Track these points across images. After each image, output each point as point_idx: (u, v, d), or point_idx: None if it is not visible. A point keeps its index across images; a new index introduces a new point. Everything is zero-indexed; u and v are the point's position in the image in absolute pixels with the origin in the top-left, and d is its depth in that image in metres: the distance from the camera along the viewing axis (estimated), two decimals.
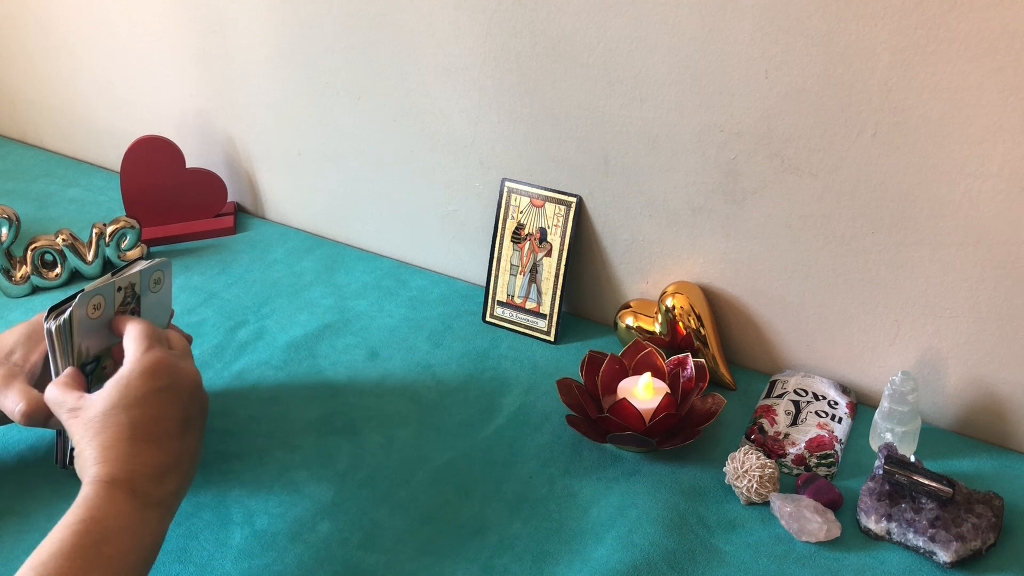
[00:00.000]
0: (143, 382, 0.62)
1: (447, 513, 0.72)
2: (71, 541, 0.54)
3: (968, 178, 0.69)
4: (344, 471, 0.76)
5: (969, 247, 0.72)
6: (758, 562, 0.67)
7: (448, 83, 0.91)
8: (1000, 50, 0.64)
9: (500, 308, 0.95)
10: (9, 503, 0.72)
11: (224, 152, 1.15)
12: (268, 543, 0.69)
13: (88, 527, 0.55)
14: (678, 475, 0.75)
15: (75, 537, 0.54)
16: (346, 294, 1.01)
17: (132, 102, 1.21)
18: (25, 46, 1.28)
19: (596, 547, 0.69)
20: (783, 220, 0.79)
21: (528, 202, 0.91)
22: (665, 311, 0.85)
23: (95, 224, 1.03)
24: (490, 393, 0.85)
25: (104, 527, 0.55)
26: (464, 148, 0.94)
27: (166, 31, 1.10)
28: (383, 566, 0.67)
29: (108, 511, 0.56)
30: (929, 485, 0.68)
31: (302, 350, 0.91)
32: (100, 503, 0.56)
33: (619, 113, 0.82)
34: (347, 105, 1.00)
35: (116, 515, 0.56)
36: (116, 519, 0.56)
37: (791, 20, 0.70)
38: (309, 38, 0.98)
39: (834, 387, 0.83)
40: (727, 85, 0.76)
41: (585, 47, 0.81)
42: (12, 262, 1.02)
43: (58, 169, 1.31)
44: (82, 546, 0.54)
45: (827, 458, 0.76)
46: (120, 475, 0.58)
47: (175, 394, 0.63)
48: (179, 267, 1.06)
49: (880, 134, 0.71)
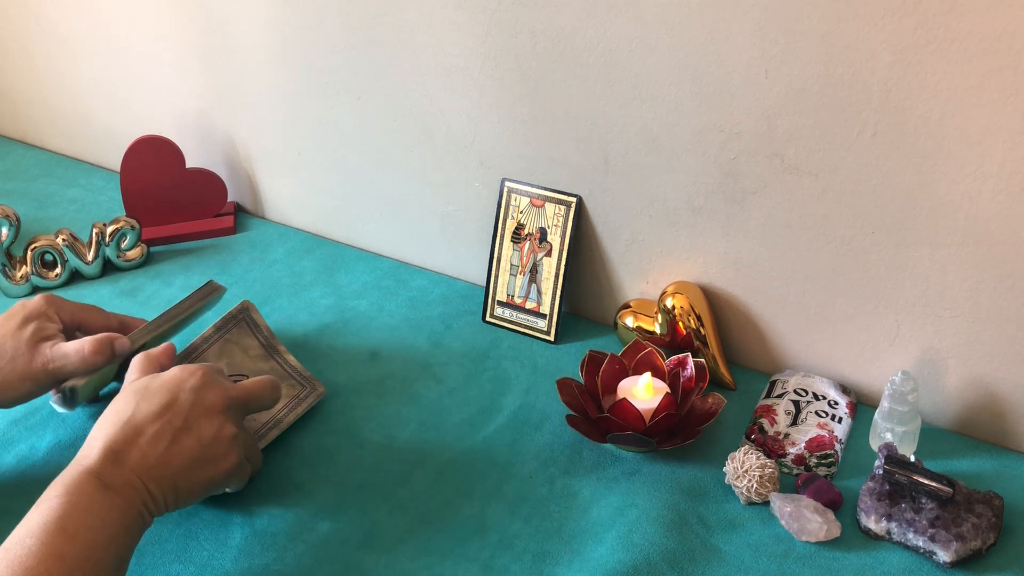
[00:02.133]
0: (173, 375, 0.67)
1: (447, 513, 0.72)
2: (37, 519, 0.56)
3: (968, 178, 0.69)
4: (344, 471, 0.76)
5: (969, 247, 0.72)
6: (758, 562, 0.67)
7: (448, 83, 0.91)
8: (1000, 50, 0.64)
9: (500, 308, 0.95)
10: (9, 503, 0.72)
11: (224, 152, 1.15)
12: (268, 543, 0.69)
13: (53, 504, 0.57)
14: (678, 475, 0.75)
15: (40, 515, 0.57)
16: (346, 294, 1.01)
17: (132, 102, 1.21)
18: (25, 46, 1.28)
19: (596, 547, 0.69)
20: (783, 220, 0.79)
21: (528, 202, 0.91)
22: (665, 311, 0.85)
23: (95, 224, 1.03)
24: (490, 393, 0.85)
25: (67, 503, 0.57)
26: (464, 148, 0.94)
27: (166, 31, 1.10)
28: (383, 566, 0.67)
29: (73, 488, 0.58)
30: (929, 485, 0.68)
31: (302, 350, 0.91)
32: (69, 480, 0.59)
33: (619, 113, 0.82)
34: (347, 105, 1.00)
35: (79, 493, 0.58)
36: (77, 498, 0.58)
37: (791, 20, 0.70)
38: (309, 38, 0.98)
39: (834, 387, 0.83)
40: (727, 85, 0.76)
41: (585, 47, 0.81)
42: (12, 262, 1.02)
43: (58, 169, 1.31)
44: (46, 523, 0.56)
45: (827, 458, 0.76)
46: (93, 455, 0.61)
47: (190, 400, 0.65)
48: (179, 267, 1.06)
49: (880, 134, 0.71)
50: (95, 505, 0.58)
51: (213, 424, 0.66)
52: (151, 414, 0.64)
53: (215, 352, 0.80)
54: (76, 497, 0.58)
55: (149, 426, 0.63)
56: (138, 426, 0.63)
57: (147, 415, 0.64)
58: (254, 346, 0.82)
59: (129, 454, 0.62)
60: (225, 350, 0.80)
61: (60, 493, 0.58)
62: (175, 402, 0.65)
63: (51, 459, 0.77)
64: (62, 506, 0.57)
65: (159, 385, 0.66)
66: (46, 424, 0.81)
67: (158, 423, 0.64)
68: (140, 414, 0.64)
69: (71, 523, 0.56)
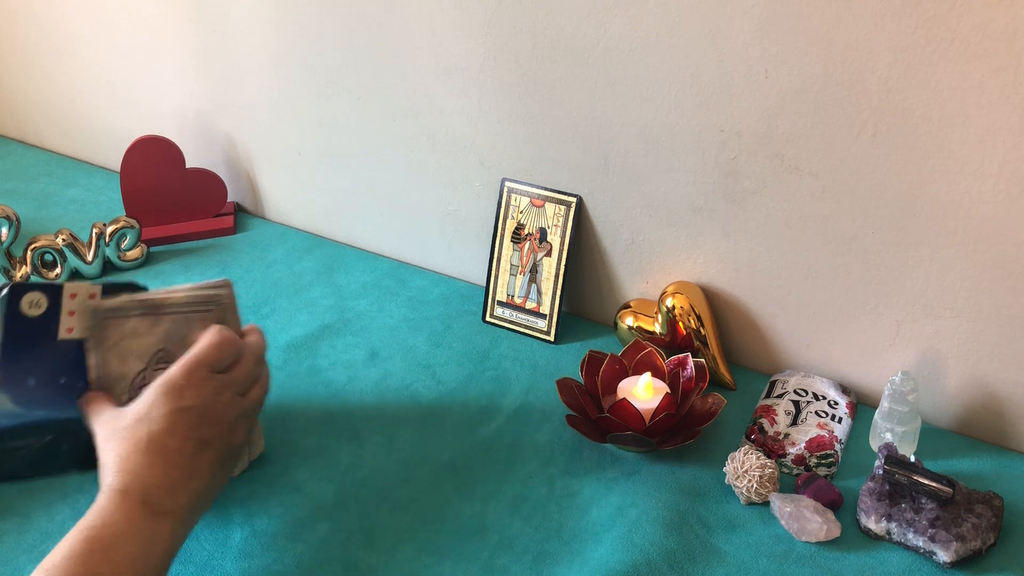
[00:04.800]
0: (168, 400, 0.63)
1: (447, 513, 0.72)
2: (81, 546, 0.56)
3: (968, 178, 0.69)
4: (344, 471, 0.76)
5: (969, 247, 0.72)
6: (758, 562, 0.67)
7: (448, 83, 0.91)
8: (1000, 50, 0.64)
9: (500, 308, 0.95)
10: (9, 503, 0.72)
11: (224, 152, 1.15)
12: (268, 543, 0.69)
13: (99, 532, 0.57)
14: (678, 475, 0.75)
15: (86, 543, 0.56)
16: (346, 294, 1.01)
17: (132, 102, 1.21)
18: (25, 46, 1.28)
19: (596, 547, 0.69)
20: (783, 220, 0.79)
21: (528, 202, 0.91)
22: (665, 311, 0.85)
23: (95, 224, 1.03)
24: (490, 393, 0.85)
25: (113, 533, 0.57)
26: (464, 148, 0.94)
27: (166, 31, 1.10)
28: (383, 566, 0.67)
29: (118, 518, 0.58)
30: (929, 485, 0.68)
31: (302, 350, 0.91)
32: (111, 510, 0.58)
33: (619, 113, 0.82)
34: (347, 105, 1.00)
35: (126, 522, 0.58)
36: (125, 526, 0.58)
37: (791, 20, 0.70)
38: (309, 38, 0.98)
39: (834, 387, 0.83)
40: (727, 85, 0.76)
41: (585, 47, 0.81)
42: (12, 262, 1.02)
43: (58, 169, 1.31)
44: (92, 551, 0.56)
45: (827, 458, 0.76)
46: (132, 485, 0.60)
47: (196, 415, 0.64)
48: (179, 267, 1.06)
49: (880, 134, 0.71)
50: (144, 532, 0.58)
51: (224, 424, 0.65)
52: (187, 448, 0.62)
53: None
54: (123, 525, 0.58)
55: (171, 444, 0.62)
56: (164, 448, 0.61)
57: (181, 449, 0.62)
58: (133, 325, 0.68)
59: (175, 479, 0.61)
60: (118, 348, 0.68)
61: (107, 522, 0.57)
62: (210, 443, 0.64)
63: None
64: (111, 535, 0.57)
65: (160, 412, 0.63)
66: None
67: (176, 441, 0.62)
68: (157, 440, 0.62)
69: (116, 553, 0.56)
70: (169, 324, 0.68)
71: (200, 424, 0.64)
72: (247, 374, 0.68)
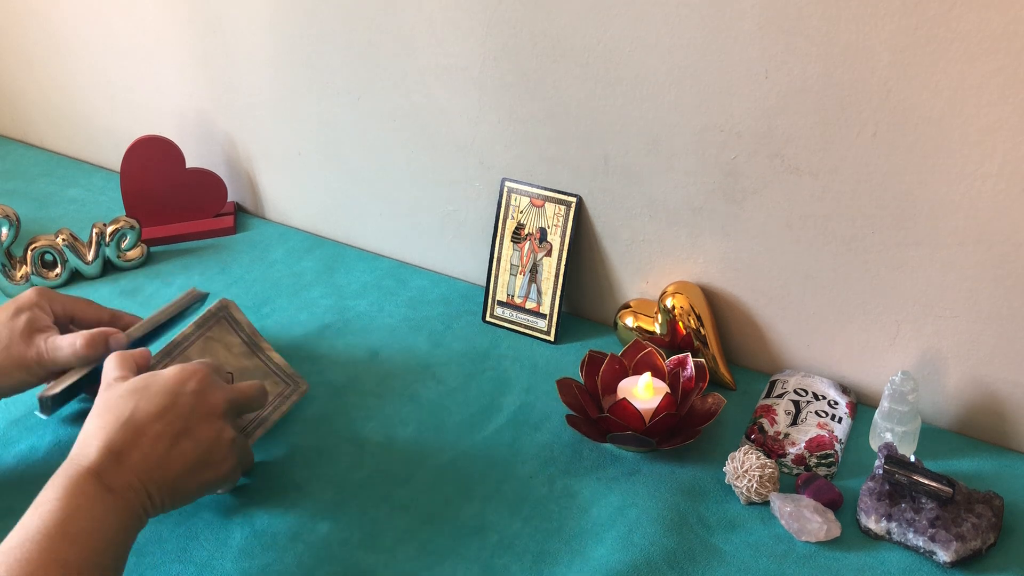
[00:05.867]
0: (173, 375, 0.65)
1: (447, 513, 0.72)
2: (39, 522, 0.56)
3: (968, 178, 0.69)
4: (344, 471, 0.76)
5: (969, 247, 0.72)
6: (758, 562, 0.67)
7: (448, 83, 0.91)
8: (1000, 50, 0.64)
9: (500, 308, 0.95)
10: (9, 503, 0.72)
11: (224, 152, 1.15)
12: (268, 543, 0.69)
13: (53, 506, 0.57)
14: (678, 475, 0.75)
15: (40, 519, 0.56)
16: (346, 294, 1.01)
17: (132, 102, 1.21)
18: (25, 46, 1.28)
19: (596, 547, 0.69)
20: (783, 220, 0.79)
21: (528, 202, 0.91)
22: (665, 311, 0.85)
23: (95, 224, 1.03)
24: (490, 393, 0.85)
25: (70, 506, 0.57)
26: (464, 148, 0.94)
27: (166, 31, 1.10)
28: (383, 566, 0.67)
29: (74, 490, 0.58)
30: (929, 485, 0.68)
31: (302, 350, 0.91)
32: (69, 482, 0.58)
33: (619, 113, 0.82)
34: (347, 105, 1.00)
35: (80, 495, 0.58)
36: (81, 499, 0.57)
37: (791, 20, 0.70)
38: (309, 38, 0.98)
39: (834, 387, 0.83)
40: (727, 85, 0.76)
41: (585, 47, 0.81)
42: (12, 262, 1.02)
43: (58, 169, 1.31)
44: (49, 524, 0.55)
45: (827, 458, 0.76)
46: (93, 456, 0.60)
47: (191, 403, 0.65)
48: (179, 267, 1.06)
49: (880, 134, 0.71)
50: (96, 507, 0.57)
51: (213, 428, 0.66)
52: (151, 415, 0.63)
53: (197, 350, 0.78)
54: (77, 499, 0.57)
55: (150, 427, 0.62)
56: (139, 427, 0.62)
57: (147, 415, 0.63)
58: (236, 343, 0.81)
59: (130, 455, 0.61)
60: (208, 348, 0.79)
61: (60, 496, 0.57)
62: (175, 404, 0.64)
63: (51, 459, 0.77)
64: (63, 509, 0.56)
65: (160, 386, 0.65)
66: (46, 424, 0.81)
67: (159, 424, 0.63)
68: (140, 414, 0.62)
69: (72, 526, 0.56)
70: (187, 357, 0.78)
71: (189, 416, 0.64)
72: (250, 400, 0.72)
